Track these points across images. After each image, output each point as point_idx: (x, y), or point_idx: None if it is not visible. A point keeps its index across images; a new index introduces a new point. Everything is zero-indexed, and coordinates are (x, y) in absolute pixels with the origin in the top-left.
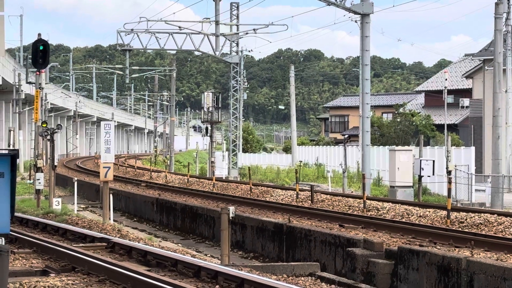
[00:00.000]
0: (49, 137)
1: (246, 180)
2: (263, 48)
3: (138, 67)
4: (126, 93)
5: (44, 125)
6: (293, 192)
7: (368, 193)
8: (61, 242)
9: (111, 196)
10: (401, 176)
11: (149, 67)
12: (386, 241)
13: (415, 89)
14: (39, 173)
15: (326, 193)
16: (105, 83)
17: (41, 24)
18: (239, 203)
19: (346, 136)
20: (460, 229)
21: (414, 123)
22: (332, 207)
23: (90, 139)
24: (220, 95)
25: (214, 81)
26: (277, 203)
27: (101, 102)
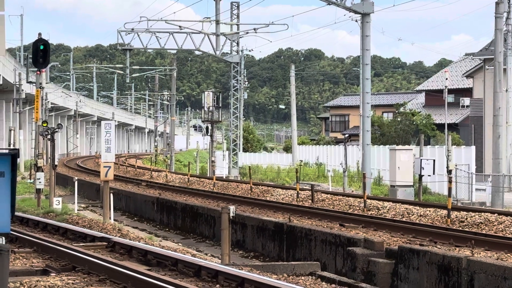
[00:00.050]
0: (49, 137)
1: (246, 179)
2: (263, 47)
3: (138, 67)
4: (126, 92)
5: (44, 125)
6: (293, 191)
7: (368, 192)
8: (61, 241)
9: (112, 195)
10: (401, 175)
11: (150, 66)
12: (386, 241)
13: (415, 88)
14: (39, 172)
15: (326, 192)
16: (106, 82)
17: (42, 23)
18: (239, 203)
19: (346, 135)
20: (460, 229)
21: (414, 123)
22: (332, 207)
23: (90, 138)
24: (220, 94)
25: (214, 81)
26: (278, 203)
27: (102, 101)
